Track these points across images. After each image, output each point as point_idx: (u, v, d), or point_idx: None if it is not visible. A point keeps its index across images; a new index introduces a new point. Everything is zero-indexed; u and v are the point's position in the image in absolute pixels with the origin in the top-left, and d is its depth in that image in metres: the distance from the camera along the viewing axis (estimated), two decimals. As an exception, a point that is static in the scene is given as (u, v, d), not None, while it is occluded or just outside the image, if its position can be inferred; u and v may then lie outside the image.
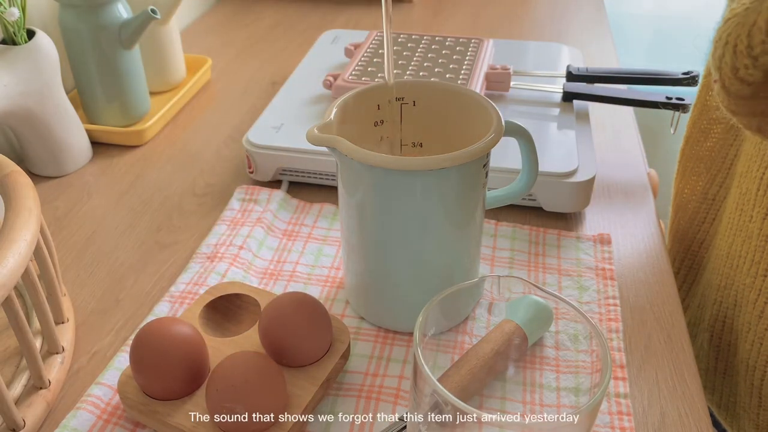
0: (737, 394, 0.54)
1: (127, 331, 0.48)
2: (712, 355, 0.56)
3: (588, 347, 0.45)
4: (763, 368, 0.49)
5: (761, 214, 0.47)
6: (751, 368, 0.50)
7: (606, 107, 0.75)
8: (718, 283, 0.54)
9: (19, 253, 0.36)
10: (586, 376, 0.43)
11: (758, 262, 0.48)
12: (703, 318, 0.57)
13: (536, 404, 0.42)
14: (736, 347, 0.53)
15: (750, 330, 0.50)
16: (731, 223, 0.52)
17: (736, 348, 0.53)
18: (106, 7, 0.63)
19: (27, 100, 0.58)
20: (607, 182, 0.63)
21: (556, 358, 0.45)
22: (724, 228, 0.54)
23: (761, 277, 0.48)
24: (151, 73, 0.74)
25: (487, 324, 0.48)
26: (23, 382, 0.42)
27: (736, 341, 0.53)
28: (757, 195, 0.47)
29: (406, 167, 0.39)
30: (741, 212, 0.50)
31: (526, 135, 0.45)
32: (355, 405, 0.42)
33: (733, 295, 0.52)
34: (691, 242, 0.62)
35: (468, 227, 0.44)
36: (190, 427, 0.38)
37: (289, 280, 0.51)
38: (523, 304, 0.46)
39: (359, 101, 0.45)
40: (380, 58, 0.70)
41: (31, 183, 0.42)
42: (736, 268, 0.51)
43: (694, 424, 0.42)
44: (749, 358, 0.50)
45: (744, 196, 0.50)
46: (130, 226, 0.58)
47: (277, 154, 0.60)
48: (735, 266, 0.51)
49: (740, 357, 0.52)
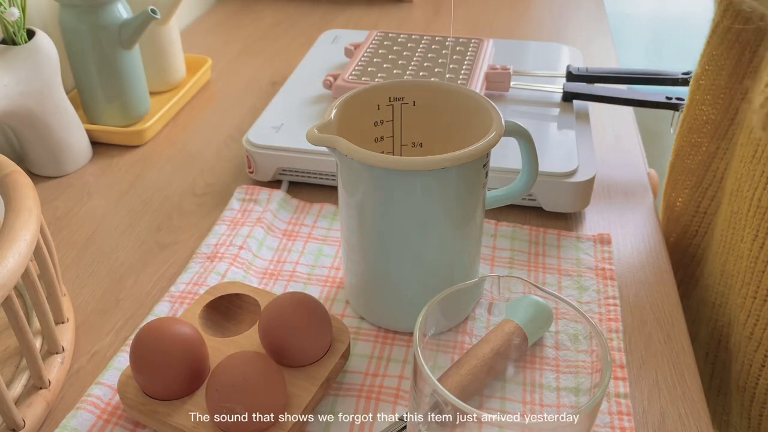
0: (730, 413, 0.54)
1: (127, 331, 0.48)
2: (707, 372, 0.56)
3: (588, 347, 0.46)
4: (752, 389, 0.49)
5: (751, 235, 0.47)
6: (741, 389, 0.50)
7: (606, 107, 0.75)
8: (713, 300, 0.54)
9: (19, 253, 0.36)
10: (586, 376, 0.43)
11: (748, 283, 0.47)
12: (698, 334, 0.57)
13: (536, 404, 0.42)
14: (729, 366, 0.53)
15: (740, 350, 0.50)
16: (723, 242, 0.52)
17: (729, 367, 0.52)
18: (106, 7, 0.63)
19: (27, 100, 0.58)
20: (607, 182, 0.63)
21: (556, 358, 0.45)
22: (716, 245, 0.54)
23: (750, 298, 0.47)
24: (151, 73, 0.74)
25: (487, 324, 0.48)
26: (23, 382, 0.42)
27: (729, 360, 0.52)
28: (748, 215, 0.47)
29: (406, 167, 0.39)
30: (733, 231, 0.50)
31: (526, 135, 0.45)
32: (355, 405, 0.42)
33: (727, 314, 0.52)
34: (683, 255, 0.62)
35: (468, 227, 0.44)
36: (190, 427, 0.38)
37: (289, 280, 0.51)
38: (523, 304, 0.46)
39: (359, 101, 0.45)
40: (380, 58, 0.70)
41: (31, 183, 0.42)
42: (729, 287, 0.51)
43: (694, 424, 0.42)
44: (739, 378, 0.50)
45: (735, 215, 0.50)
46: (130, 226, 0.58)
47: (277, 154, 0.60)
48: (728, 285, 0.51)
49: (733, 376, 0.52)
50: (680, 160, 0.61)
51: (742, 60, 0.52)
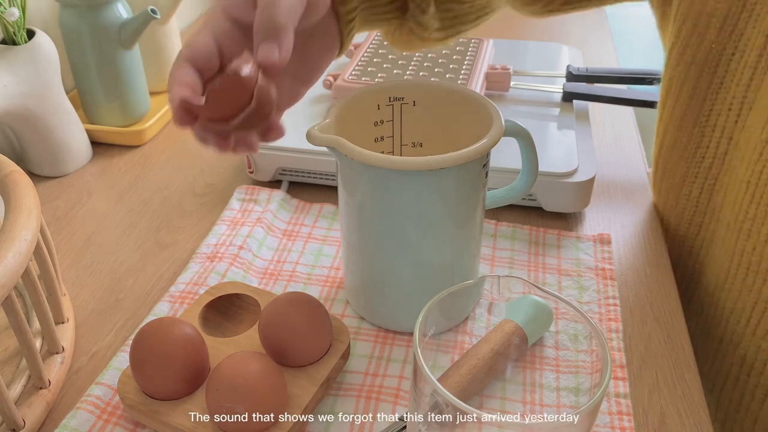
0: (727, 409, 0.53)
1: (127, 331, 0.48)
2: (712, 404, 0.55)
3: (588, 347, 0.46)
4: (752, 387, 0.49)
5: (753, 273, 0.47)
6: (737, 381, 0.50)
7: (606, 107, 0.75)
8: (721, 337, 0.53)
9: (19, 253, 0.36)
10: (586, 376, 0.43)
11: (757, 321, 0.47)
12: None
13: (536, 404, 0.42)
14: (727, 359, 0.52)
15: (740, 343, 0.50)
16: (721, 276, 0.51)
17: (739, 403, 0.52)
18: (106, 7, 0.63)
19: (27, 100, 0.58)
20: (607, 182, 0.63)
21: (556, 358, 0.45)
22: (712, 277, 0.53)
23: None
24: (151, 73, 0.74)
25: (487, 324, 0.48)
26: (23, 382, 0.42)
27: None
28: (755, 252, 0.47)
29: (406, 167, 0.39)
30: (737, 267, 0.49)
31: (526, 135, 0.45)
32: (355, 405, 0.42)
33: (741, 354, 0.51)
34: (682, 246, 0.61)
35: (468, 227, 0.44)
36: (190, 427, 0.38)
37: (289, 280, 0.51)
38: (523, 304, 0.46)
39: (359, 101, 0.45)
40: (380, 58, 0.70)
41: (31, 183, 0.42)
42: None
43: (694, 424, 0.42)
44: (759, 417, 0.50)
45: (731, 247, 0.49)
46: (130, 225, 0.58)
47: (277, 154, 0.60)
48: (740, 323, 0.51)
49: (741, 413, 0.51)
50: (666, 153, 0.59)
51: None
